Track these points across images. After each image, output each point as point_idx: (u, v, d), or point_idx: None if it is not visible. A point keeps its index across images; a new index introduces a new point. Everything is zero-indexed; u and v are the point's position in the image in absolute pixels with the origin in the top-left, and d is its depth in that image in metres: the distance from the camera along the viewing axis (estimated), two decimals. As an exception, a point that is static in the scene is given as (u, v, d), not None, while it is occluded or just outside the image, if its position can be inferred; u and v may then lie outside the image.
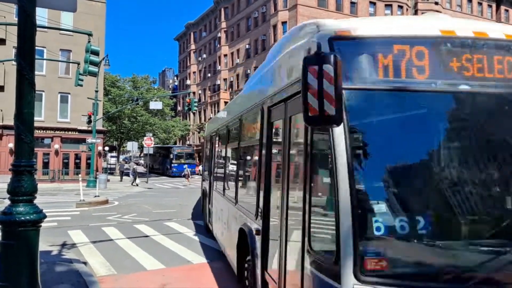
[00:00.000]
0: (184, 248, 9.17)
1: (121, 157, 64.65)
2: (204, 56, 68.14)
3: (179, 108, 74.68)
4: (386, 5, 49.31)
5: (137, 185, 29.97)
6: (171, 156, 43.40)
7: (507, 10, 59.91)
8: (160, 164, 48.37)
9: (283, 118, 3.81)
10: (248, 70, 53.83)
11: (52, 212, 13.89)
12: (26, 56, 4.22)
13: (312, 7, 45.16)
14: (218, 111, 59.96)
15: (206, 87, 66.41)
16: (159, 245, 9.57)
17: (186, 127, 63.09)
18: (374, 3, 48.99)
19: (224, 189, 7.70)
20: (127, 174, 39.66)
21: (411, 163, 2.96)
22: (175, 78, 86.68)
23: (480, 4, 58.20)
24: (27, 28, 4.23)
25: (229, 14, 60.35)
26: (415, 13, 52.27)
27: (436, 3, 52.46)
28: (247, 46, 54.74)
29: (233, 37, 59.12)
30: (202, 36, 70.21)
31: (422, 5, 52.36)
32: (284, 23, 46.25)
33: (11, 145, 28.08)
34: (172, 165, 42.70)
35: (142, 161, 69.52)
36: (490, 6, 59.03)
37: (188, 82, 72.13)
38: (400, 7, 49.82)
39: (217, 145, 9.56)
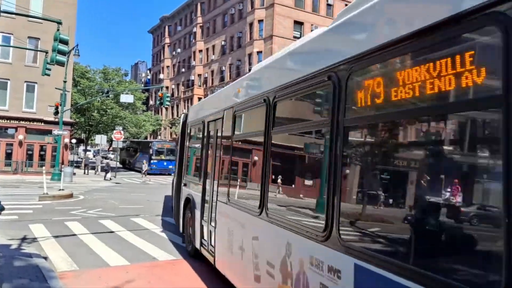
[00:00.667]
0: (149, 245, 9.03)
1: (92, 151, 63.13)
2: (179, 50, 67.40)
3: (151, 102, 73.58)
4: (360, 9, 50.09)
5: (110, 179, 29.36)
6: (151, 151, 38.85)
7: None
8: (138, 160, 42.59)
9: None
10: (223, 67, 53.62)
11: (13, 204, 13.43)
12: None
13: (289, 7, 45.39)
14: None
15: (180, 82, 65.73)
16: (124, 241, 9.39)
17: (158, 122, 62.25)
18: (349, 7, 49.70)
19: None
20: (93, 168, 38.98)
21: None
22: (148, 71, 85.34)
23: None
24: (-12, 11, 4.04)
25: (205, 9, 59.89)
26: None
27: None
28: (222, 43, 54.49)
29: (208, 33, 58.71)
30: (177, 30, 69.40)
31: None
32: (260, 21, 46.30)
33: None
34: (152, 161, 37.92)
35: (111, 155, 68.03)
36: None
37: (161, 76, 71.18)
38: (374, 12, 50.71)
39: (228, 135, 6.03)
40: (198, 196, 7.46)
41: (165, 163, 38.70)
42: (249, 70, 46.19)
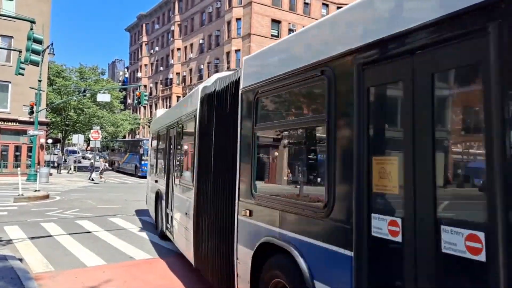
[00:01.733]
0: (127, 244, 9.09)
1: (65, 150, 62.04)
2: (157, 49, 66.87)
3: (129, 101, 72.75)
4: (338, 8, 50.68)
5: (92, 179, 29.02)
6: (141, 151, 34.56)
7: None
8: (128, 161, 39.08)
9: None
10: (202, 65, 53.48)
11: (-13, 207, 13.22)
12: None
13: (267, 5, 45.60)
14: (170, 106, 59.14)
15: (158, 81, 65.23)
16: (101, 241, 9.42)
17: (136, 121, 61.65)
18: (327, 5, 50.25)
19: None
20: (66, 168, 38.64)
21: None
22: (126, 70, 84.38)
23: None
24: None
25: (183, 8, 59.56)
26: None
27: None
28: (200, 41, 54.33)
29: (186, 31, 58.44)
30: (154, 28, 68.81)
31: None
32: (238, 19, 46.37)
33: None
34: (142, 162, 33.63)
35: (89, 155, 67.08)
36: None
37: (139, 74, 70.49)
38: (351, 10, 51.41)
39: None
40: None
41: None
42: (228, 68, 46.29)
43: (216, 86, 5.77)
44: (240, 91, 4.75)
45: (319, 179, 3.68)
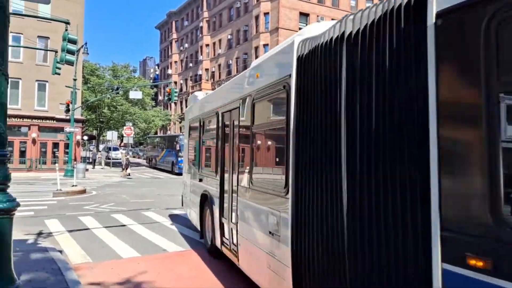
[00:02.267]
0: (160, 237, 9.33)
1: (101, 147, 63.95)
2: (186, 45, 67.67)
3: (160, 97, 74.11)
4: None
5: (128, 175, 29.71)
6: (177, 147, 32.91)
7: None
8: (165, 158, 37.35)
9: None
10: (230, 61, 53.75)
11: (28, 201, 13.86)
12: (-1, 47, 4.26)
13: (295, -1, 45.26)
14: (199, 101, 59.69)
15: (188, 77, 66.07)
16: (136, 234, 9.71)
17: (167, 117, 62.70)
18: (356, -4, 49.35)
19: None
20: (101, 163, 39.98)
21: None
22: (156, 67, 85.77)
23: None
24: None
25: (211, 4, 59.94)
26: (396, 7, 52.86)
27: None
28: (229, 37, 54.59)
29: (215, 27, 58.82)
30: (184, 25, 69.62)
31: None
32: (266, 14, 46.25)
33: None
34: (179, 159, 32.14)
35: (123, 151, 68.63)
36: None
37: (169, 71, 71.60)
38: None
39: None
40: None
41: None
42: (257, 63, 46.35)
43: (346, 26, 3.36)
44: (433, 15, 2.43)
45: None
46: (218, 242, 7.05)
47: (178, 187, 21.28)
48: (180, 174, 29.20)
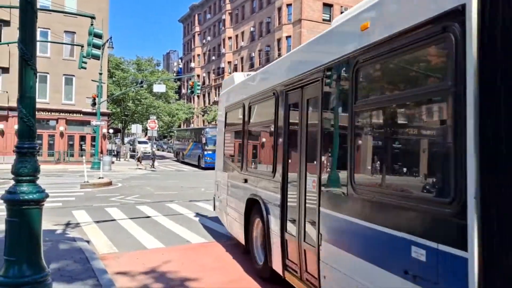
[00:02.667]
0: (184, 229, 9.46)
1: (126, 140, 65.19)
2: (209, 38, 67.90)
3: (183, 91, 74.74)
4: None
5: (152, 167, 30.08)
6: (204, 140, 31.17)
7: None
8: (191, 152, 35.81)
9: None
10: (253, 53, 53.65)
11: (57, 192, 14.27)
12: (27, 42, 4.36)
13: (318, -11, 44.71)
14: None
15: (211, 70, 66.37)
16: (160, 226, 9.87)
17: (190, 110, 63.25)
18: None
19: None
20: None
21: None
22: (180, 60, 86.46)
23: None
24: (28, 15, 4.38)
25: (234, -4, 59.91)
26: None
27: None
28: (251, 29, 54.45)
29: (237, 20, 58.76)
30: (206, 18, 69.82)
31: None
32: (289, 5, 45.89)
33: (17, 126, 28.47)
34: (205, 152, 30.68)
35: (147, 144, 69.70)
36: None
37: (192, 65, 72.06)
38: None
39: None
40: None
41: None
42: (279, 55, 46.06)
43: None
44: None
45: None
46: (276, 265, 5.40)
47: (201, 180, 21.54)
48: (207, 168, 28.22)
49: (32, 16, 4.42)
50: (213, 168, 26.17)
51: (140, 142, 50.52)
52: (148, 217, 11.00)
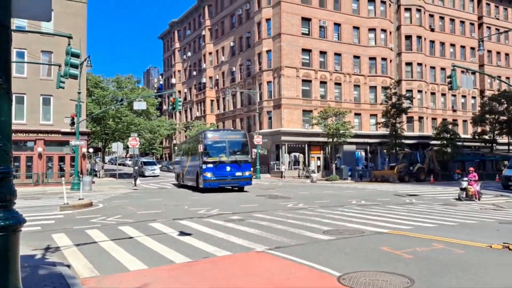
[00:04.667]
0: (167, 248, 9.29)
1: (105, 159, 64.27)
2: (189, 54, 68.05)
3: (164, 107, 74.41)
4: (369, 1, 49.76)
5: (135, 186, 29.72)
6: (201, 148, 24.01)
7: (488, 4, 60.92)
8: (190, 170, 28.07)
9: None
10: (233, 68, 53.94)
11: (35, 216, 13.89)
12: (1, 66, 4.27)
13: (295, 4, 45.43)
14: (204, 110, 60.05)
15: (192, 86, 66.36)
16: (143, 246, 9.68)
17: (172, 126, 62.88)
18: (357, -1, 49.40)
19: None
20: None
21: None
22: (160, 77, 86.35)
23: (460, -2, 59.14)
24: (2, 39, 4.30)
25: (213, 12, 60.32)
26: (398, 8, 52.86)
27: (418, -2, 53.05)
28: (231, 44, 54.83)
29: (217, 35, 59.13)
30: (186, 34, 70.07)
31: (405, 0, 52.95)
32: (268, 20, 46.44)
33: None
34: (204, 167, 23.47)
35: (129, 162, 68.87)
36: (471, 0, 59.94)
37: (173, 80, 71.98)
38: (383, 2, 50.33)
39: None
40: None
41: (228, 169, 23.59)
42: (260, 69, 46.47)
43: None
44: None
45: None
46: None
47: (185, 197, 21.34)
48: (207, 190, 23.26)
49: (6, 39, 4.34)
50: (218, 190, 24.83)
51: (146, 163, 47.99)
52: (131, 237, 10.78)
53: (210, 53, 60.54)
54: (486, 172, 46.14)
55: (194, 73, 65.75)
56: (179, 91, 67.71)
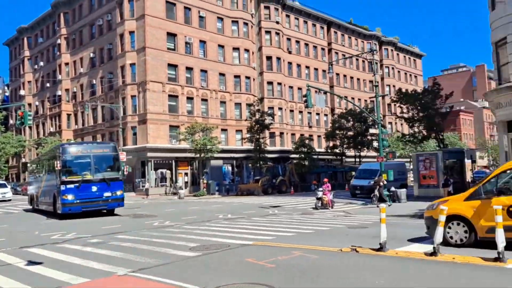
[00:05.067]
0: (12, 281, 8.11)
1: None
2: (42, 64, 61.82)
3: (11, 121, 65.93)
4: (232, 21, 51.87)
5: None
6: (58, 165, 19.91)
7: (336, 32, 68.91)
8: (45, 188, 23.54)
9: None
10: (94, 80, 50.69)
11: None
12: None
13: (161, 18, 44.91)
14: (59, 125, 54.93)
15: (45, 98, 60.24)
16: (-20, 282, 8.27)
17: (21, 143, 56.10)
18: (222, 19, 51.07)
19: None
20: None
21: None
22: (6, 88, 76.52)
23: (314, 25, 65.66)
24: None
25: (70, 20, 56.04)
26: (259, 30, 56.25)
27: (277, 22, 57.31)
28: (91, 55, 51.55)
29: (75, 45, 55.03)
30: (38, 42, 63.65)
31: (265, 23, 56.61)
32: (131, 32, 44.96)
33: None
34: (63, 188, 19.47)
35: None
36: (322, 27, 67.03)
37: (22, 92, 64.38)
38: (246, 24, 52.95)
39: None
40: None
41: (94, 189, 19.96)
42: (123, 83, 44.52)
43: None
44: None
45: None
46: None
47: (37, 222, 19.03)
48: (67, 216, 19.55)
49: None
50: (82, 215, 20.38)
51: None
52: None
53: (67, 64, 55.88)
54: (338, 182, 51.38)
55: (48, 84, 59.83)
56: (29, 104, 60.80)
